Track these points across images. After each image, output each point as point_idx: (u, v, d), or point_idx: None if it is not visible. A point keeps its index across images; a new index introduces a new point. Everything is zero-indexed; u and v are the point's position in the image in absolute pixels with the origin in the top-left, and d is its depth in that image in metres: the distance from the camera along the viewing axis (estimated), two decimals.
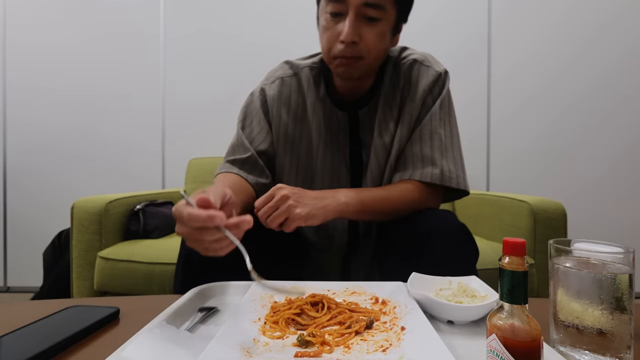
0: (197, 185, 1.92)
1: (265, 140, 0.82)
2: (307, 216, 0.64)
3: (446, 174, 0.75)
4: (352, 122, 0.82)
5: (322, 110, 0.82)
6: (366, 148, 0.81)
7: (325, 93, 0.82)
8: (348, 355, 0.41)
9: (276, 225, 0.64)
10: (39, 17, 2.14)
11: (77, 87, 2.14)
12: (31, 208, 2.15)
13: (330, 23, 0.71)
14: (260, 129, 0.83)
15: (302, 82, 0.84)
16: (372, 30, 0.70)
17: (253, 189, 0.78)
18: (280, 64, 0.88)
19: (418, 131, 0.78)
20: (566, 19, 1.99)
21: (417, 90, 0.78)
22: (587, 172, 1.99)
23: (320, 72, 0.84)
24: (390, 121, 0.80)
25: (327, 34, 0.72)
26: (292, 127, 0.82)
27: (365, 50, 0.71)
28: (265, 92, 0.85)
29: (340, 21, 0.70)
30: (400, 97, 0.80)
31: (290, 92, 0.83)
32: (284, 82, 0.84)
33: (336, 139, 0.82)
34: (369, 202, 0.72)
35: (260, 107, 0.84)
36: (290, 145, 0.83)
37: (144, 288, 1.24)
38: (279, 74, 0.86)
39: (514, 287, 0.32)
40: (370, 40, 0.71)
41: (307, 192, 0.68)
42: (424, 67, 0.80)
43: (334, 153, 0.82)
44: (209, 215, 0.46)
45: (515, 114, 2.02)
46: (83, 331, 0.48)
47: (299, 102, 0.83)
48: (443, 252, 0.65)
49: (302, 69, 0.84)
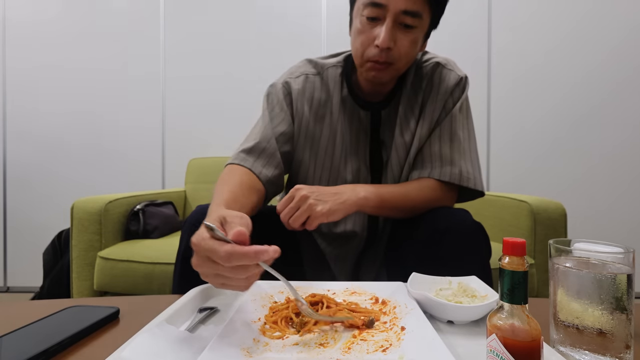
0: (197, 186, 1.92)
1: (284, 123, 0.82)
2: (328, 212, 0.65)
3: (464, 174, 0.77)
4: (374, 122, 0.83)
5: (344, 109, 0.83)
6: (386, 147, 0.83)
7: (348, 93, 0.83)
8: (348, 355, 0.41)
9: (299, 225, 0.65)
10: (39, 16, 2.14)
11: (77, 87, 2.14)
12: (31, 208, 2.15)
13: (366, 26, 0.72)
14: (284, 116, 0.83)
15: (325, 81, 0.84)
16: (406, 37, 0.71)
17: (263, 186, 0.76)
18: (303, 61, 0.88)
19: (437, 131, 0.79)
20: (567, 16, 1.99)
21: (438, 92, 0.80)
22: (587, 172, 1.99)
23: (343, 71, 0.85)
24: (412, 120, 0.81)
25: (362, 37, 0.73)
26: (312, 124, 0.83)
27: (397, 56, 0.72)
28: (289, 85, 0.84)
29: (377, 25, 0.71)
30: (422, 98, 0.81)
31: (313, 90, 0.84)
32: (308, 79, 0.84)
33: (356, 138, 0.83)
34: (387, 197, 0.72)
35: (284, 97, 0.84)
36: (310, 142, 0.83)
37: (144, 288, 1.24)
38: (303, 70, 0.86)
39: (514, 287, 0.32)
40: (404, 47, 0.72)
41: (326, 189, 0.69)
42: (446, 70, 0.81)
43: (355, 152, 0.83)
44: (257, 252, 0.41)
45: (516, 114, 2.02)
46: (83, 331, 0.48)
47: (322, 101, 0.83)
48: (460, 249, 0.65)
49: (327, 69, 0.85)
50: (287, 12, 2.10)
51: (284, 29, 2.10)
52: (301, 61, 0.89)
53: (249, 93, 2.11)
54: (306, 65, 0.87)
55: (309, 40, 2.09)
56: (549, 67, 2.00)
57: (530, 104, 2.01)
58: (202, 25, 2.12)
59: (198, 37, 2.12)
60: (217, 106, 2.13)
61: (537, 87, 2.01)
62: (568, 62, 1.99)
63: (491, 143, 2.03)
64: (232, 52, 2.11)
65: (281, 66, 2.08)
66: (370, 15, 0.70)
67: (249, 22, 2.11)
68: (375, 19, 0.70)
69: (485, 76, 2.03)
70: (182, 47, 2.13)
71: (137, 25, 2.13)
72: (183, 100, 2.14)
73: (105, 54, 2.13)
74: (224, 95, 2.12)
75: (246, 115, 2.11)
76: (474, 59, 2.02)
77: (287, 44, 2.10)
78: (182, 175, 2.07)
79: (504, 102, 2.02)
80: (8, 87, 2.15)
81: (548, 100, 2.01)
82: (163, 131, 2.14)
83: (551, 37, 2.00)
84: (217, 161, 1.97)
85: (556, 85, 2.00)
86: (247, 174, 0.74)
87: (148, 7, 2.13)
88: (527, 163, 2.01)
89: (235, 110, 2.12)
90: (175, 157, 2.14)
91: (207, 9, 2.12)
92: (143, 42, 2.13)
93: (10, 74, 2.15)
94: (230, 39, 2.11)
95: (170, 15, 2.13)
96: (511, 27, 2.01)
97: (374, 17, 0.70)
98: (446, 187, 0.78)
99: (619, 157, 1.98)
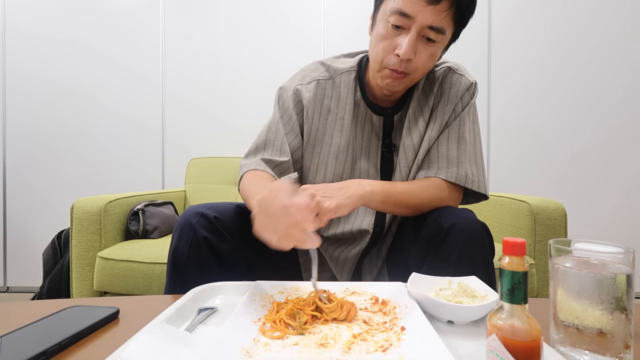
0: (197, 186, 1.92)
1: (294, 142, 0.83)
2: (336, 207, 0.65)
3: (470, 176, 0.78)
4: (386, 126, 0.84)
5: (357, 114, 0.83)
6: (397, 150, 0.83)
7: (360, 97, 0.84)
8: (348, 355, 0.41)
9: None
10: (39, 16, 2.14)
11: (77, 87, 2.14)
12: (31, 208, 2.15)
13: (390, 33, 0.71)
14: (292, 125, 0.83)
15: (338, 85, 0.84)
16: (427, 50, 0.72)
17: None
18: (315, 64, 0.88)
19: (446, 133, 0.81)
20: (567, 16, 1.99)
21: (449, 96, 0.81)
22: (587, 172, 1.99)
23: (357, 76, 0.85)
24: (421, 122, 0.82)
25: (384, 44, 0.73)
26: (323, 130, 0.83)
27: (415, 68, 0.73)
28: (300, 92, 0.84)
29: (401, 34, 0.71)
30: (432, 101, 0.82)
31: (324, 95, 0.84)
32: (319, 85, 0.84)
33: (368, 142, 0.84)
34: (393, 192, 0.73)
35: (294, 106, 0.84)
36: (319, 148, 0.84)
37: (143, 288, 1.24)
38: (315, 75, 0.85)
39: (514, 287, 0.32)
40: (423, 60, 0.72)
41: (331, 185, 0.70)
42: (457, 75, 0.83)
43: (366, 156, 0.84)
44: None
45: (515, 114, 2.02)
46: (83, 331, 0.48)
47: (333, 106, 0.84)
48: (465, 247, 0.66)
49: (341, 74, 0.85)
50: (289, 10, 2.10)
51: (285, 28, 2.10)
52: (313, 63, 0.88)
53: (249, 93, 2.11)
54: (319, 69, 0.86)
55: (310, 39, 2.09)
56: (548, 67, 2.00)
57: (530, 104, 2.01)
58: (202, 25, 2.12)
59: (198, 37, 2.12)
60: (217, 106, 2.13)
61: (537, 87, 2.01)
62: (568, 62, 1.99)
63: (491, 143, 2.03)
64: (232, 52, 2.11)
65: (282, 65, 2.09)
66: (396, 24, 0.70)
67: (249, 21, 2.11)
68: (399, 27, 0.70)
69: (486, 76, 2.03)
70: (182, 47, 2.13)
71: (138, 25, 2.13)
72: (183, 100, 2.14)
73: (105, 53, 2.13)
74: (225, 95, 2.12)
75: (246, 115, 2.12)
76: (474, 59, 2.02)
77: (288, 42, 2.10)
78: (182, 175, 2.07)
79: (504, 102, 2.02)
80: (8, 87, 2.15)
81: (548, 100, 2.01)
82: (163, 131, 2.14)
83: (552, 36, 2.00)
84: (217, 161, 1.97)
85: (556, 85, 2.00)
86: (271, 177, 0.77)
87: (148, 7, 2.13)
88: (527, 163, 2.01)
89: (236, 110, 2.12)
90: (175, 157, 2.14)
91: (207, 9, 2.12)
92: (143, 42, 2.13)
93: (10, 74, 2.15)
94: (230, 39, 2.11)
95: (170, 15, 2.13)
96: (511, 26, 2.01)
97: (398, 26, 0.70)
98: (452, 187, 0.78)
99: (619, 157, 1.98)
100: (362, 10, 2.06)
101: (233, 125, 2.12)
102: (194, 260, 0.68)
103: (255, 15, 2.10)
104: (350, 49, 0.96)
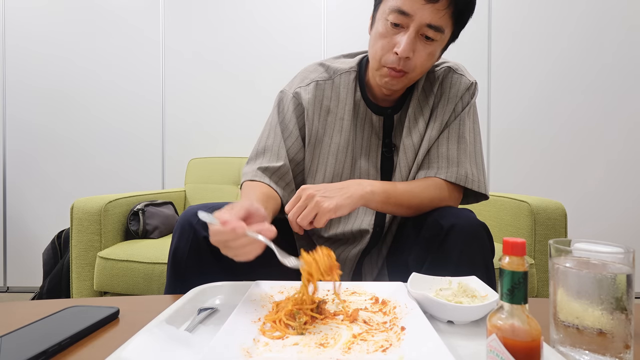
0: (197, 186, 1.92)
1: (294, 146, 0.83)
2: (335, 208, 0.65)
3: (470, 176, 0.78)
4: (386, 126, 0.83)
5: (357, 114, 0.83)
6: (397, 150, 0.83)
7: (360, 97, 0.84)
8: (348, 355, 0.41)
9: (307, 223, 0.65)
10: (39, 17, 2.14)
11: (77, 87, 2.14)
12: (31, 208, 2.15)
13: (389, 31, 0.72)
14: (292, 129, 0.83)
15: (337, 86, 0.84)
16: (425, 48, 0.72)
17: (280, 199, 0.79)
18: (314, 65, 0.88)
19: (446, 133, 0.80)
20: (567, 17, 1.99)
21: (449, 96, 0.81)
22: (587, 172, 1.99)
23: (357, 76, 0.85)
24: (421, 122, 0.82)
25: (383, 42, 0.73)
26: (323, 132, 0.83)
27: (413, 66, 0.73)
28: (299, 95, 0.84)
29: (399, 33, 0.71)
30: (433, 101, 0.82)
31: (323, 96, 0.84)
32: (318, 86, 0.84)
33: (368, 142, 0.84)
34: (393, 192, 0.73)
35: (294, 109, 0.84)
36: (319, 149, 0.83)
37: (143, 288, 1.24)
38: (314, 76, 0.85)
39: (514, 287, 0.32)
40: (421, 58, 0.72)
41: (331, 185, 0.70)
42: (457, 75, 0.83)
43: (366, 156, 0.84)
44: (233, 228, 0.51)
45: (516, 114, 2.02)
46: (83, 331, 0.48)
47: (333, 107, 0.83)
48: (465, 247, 0.66)
49: (340, 75, 0.84)
50: (289, 10, 2.10)
51: (285, 28, 2.10)
52: (313, 65, 0.88)
53: (249, 93, 2.11)
54: (318, 70, 0.86)
55: (310, 40, 2.09)
56: (548, 67, 2.00)
57: (530, 104, 2.01)
58: (202, 25, 2.12)
59: (198, 37, 2.12)
60: (217, 106, 2.13)
61: (537, 87, 2.01)
62: (568, 62, 1.99)
63: (491, 143, 2.03)
64: (233, 52, 2.12)
65: (282, 66, 2.09)
66: (395, 22, 0.70)
67: (249, 21, 2.11)
68: (398, 25, 0.70)
69: (486, 76, 2.03)
70: (182, 47, 2.13)
71: (138, 25, 2.13)
72: (183, 100, 2.14)
73: (105, 53, 2.13)
74: (225, 95, 2.12)
75: (246, 115, 2.12)
76: (474, 59, 2.02)
77: (289, 42, 2.10)
78: (182, 175, 2.07)
79: (504, 102, 2.02)
80: (8, 87, 2.15)
81: (548, 100, 2.01)
82: (163, 131, 2.14)
83: (552, 36, 2.00)
84: (217, 161, 1.97)
85: (556, 85, 2.00)
86: (265, 187, 0.78)
87: (148, 7, 2.13)
88: (527, 163, 2.01)
89: (236, 110, 2.12)
90: (175, 157, 2.14)
91: (207, 9, 2.12)
92: (143, 42, 2.13)
93: (10, 74, 2.15)
94: (230, 39, 2.11)
95: (170, 15, 2.13)
96: (512, 26, 2.01)
97: (398, 24, 0.70)
98: (452, 187, 0.78)
99: (619, 157, 1.98)
100: (362, 10, 2.06)
101: (233, 125, 2.12)
102: (194, 260, 0.68)
103: (256, 16, 2.10)
104: (350, 49, 0.95)
